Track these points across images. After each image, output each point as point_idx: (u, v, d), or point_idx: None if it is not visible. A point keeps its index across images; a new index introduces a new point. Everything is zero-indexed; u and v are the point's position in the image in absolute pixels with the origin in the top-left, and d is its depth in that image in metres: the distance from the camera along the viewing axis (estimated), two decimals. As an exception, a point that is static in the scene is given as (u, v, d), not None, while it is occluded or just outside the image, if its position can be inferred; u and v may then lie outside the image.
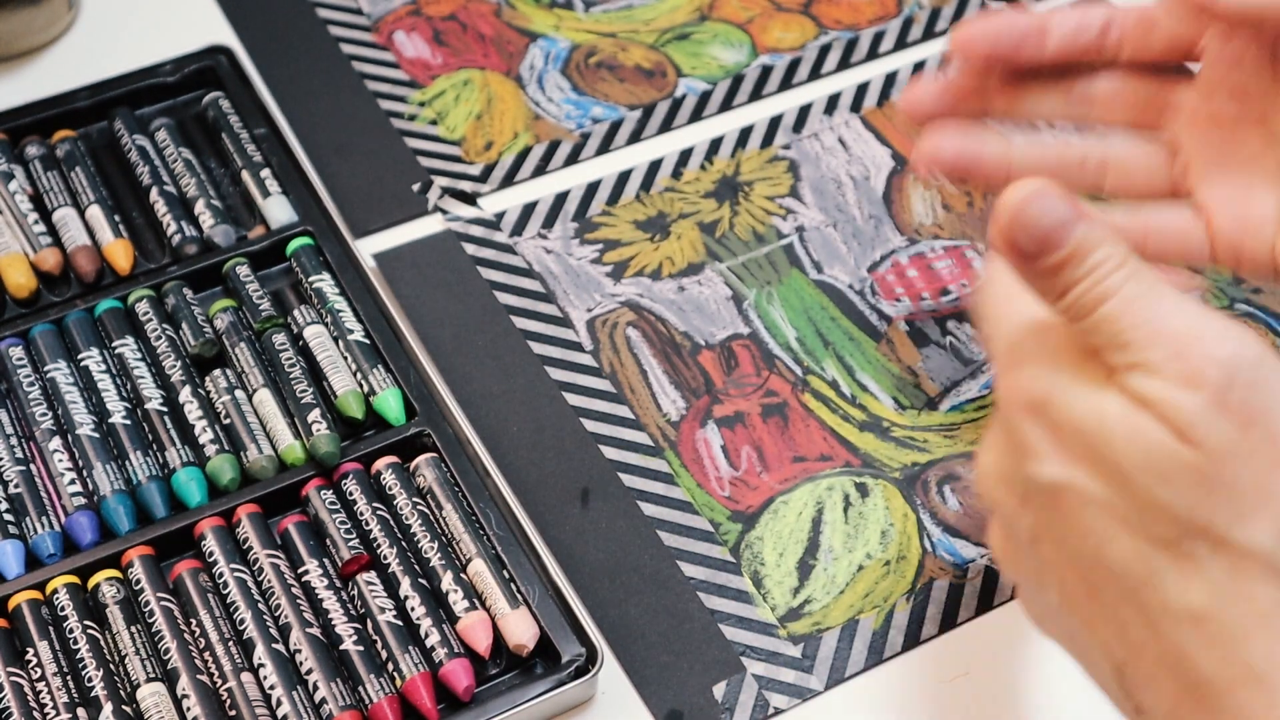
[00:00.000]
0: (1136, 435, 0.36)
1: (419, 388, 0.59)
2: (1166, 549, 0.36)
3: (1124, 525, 0.36)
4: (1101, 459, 0.37)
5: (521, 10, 0.77)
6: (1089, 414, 0.37)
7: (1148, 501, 0.36)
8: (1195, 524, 0.35)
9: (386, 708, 0.51)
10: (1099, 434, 0.36)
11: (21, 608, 0.53)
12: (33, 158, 0.67)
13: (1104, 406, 0.37)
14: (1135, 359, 0.36)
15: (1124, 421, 0.36)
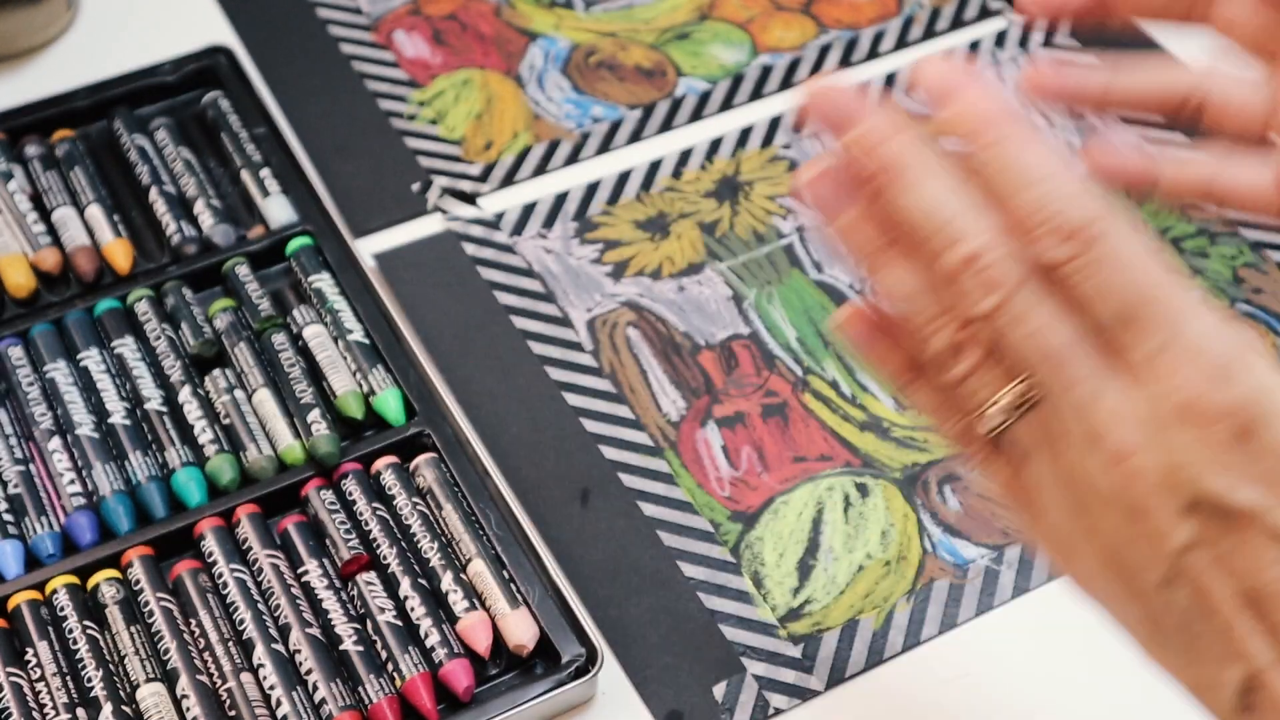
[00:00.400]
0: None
1: (419, 388, 0.59)
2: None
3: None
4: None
5: (521, 10, 0.77)
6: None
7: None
8: None
9: (386, 708, 0.51)
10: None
11: (21, 608, 0.53)
12: (32, 157, 0.67)
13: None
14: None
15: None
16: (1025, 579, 0.55)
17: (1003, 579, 0.56)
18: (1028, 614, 0.55)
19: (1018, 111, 0.35)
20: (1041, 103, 0.46)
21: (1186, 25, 0.48)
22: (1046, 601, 0.55)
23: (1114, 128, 0.71)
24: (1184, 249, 0.66)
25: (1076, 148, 0.70)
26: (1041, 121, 0.71)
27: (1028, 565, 0.56)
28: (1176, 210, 0.68)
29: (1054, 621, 0.54)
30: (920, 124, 0.36)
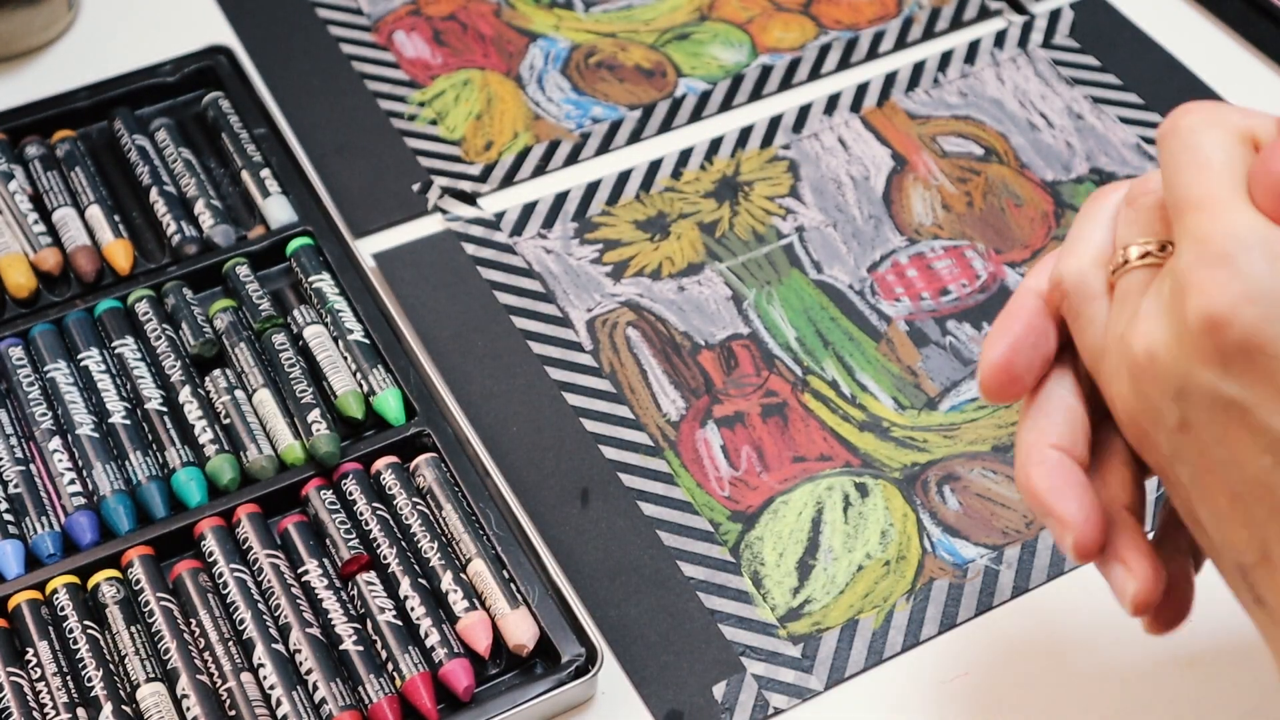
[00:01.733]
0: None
1: (419, 388, 0.59)
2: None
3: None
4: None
5: (521, 10, 0.77)
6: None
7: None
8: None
9: (386, 708, 0.51)
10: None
11: (21, 608, 0.53)
12: (33, 158, 0.67)
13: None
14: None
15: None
16: (1025, 579, 0.55)
17: (1002, 579, 0.56)
18: (1028, 614, 0.55)
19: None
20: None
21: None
22: (1046, 601, 0.55)
23: (1112, 127, 0.71)
24: (1183, 249, 0.66)
25: (1076, 149, 0.70)
26: (1040, 122, 0.71)
27: (1027, 565, 0.56)
28: None
29: (1054, 621, 0.54)
30: None
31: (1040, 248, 0.66)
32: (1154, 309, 0.37)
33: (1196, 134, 0.38)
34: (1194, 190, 0.37)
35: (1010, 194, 0.69)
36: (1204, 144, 0.38)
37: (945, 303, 0.64)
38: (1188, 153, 0.38)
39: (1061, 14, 0.76)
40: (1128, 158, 0.70)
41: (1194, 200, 0.37)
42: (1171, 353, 0.36)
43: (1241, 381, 0.35)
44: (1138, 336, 0.38)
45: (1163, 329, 0.37)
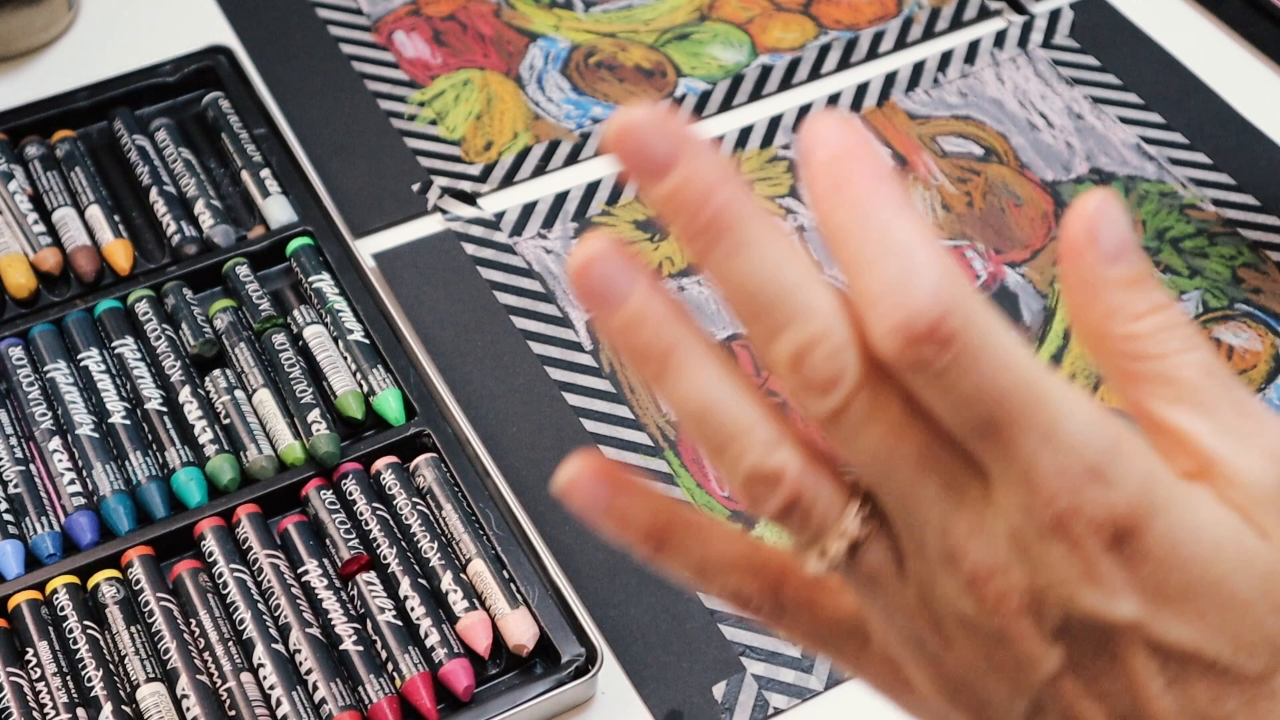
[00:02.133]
0: (1246, 556, 0.29)
1: (419, 388, 0.59)
2: (1253, 686, 0.30)
3: (1206, 673, 0.30)
4: (1202, 594, 0.29)
5: (521, 10, 0.77)
6: (1193, 539, 0.29)
7: (1255, 637, 0.29)
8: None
9: (386, 708, 0.51)
10: (1206, 564, 0.29)
11: (21, 608, 0.53)
12: (32, 158, 0.67)
13: (1201, 520, 0.29)
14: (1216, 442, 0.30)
15: (1230, 540, 0.29)
16: (1025, 579, 0.55)
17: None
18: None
19: (889, 171, 0.28)
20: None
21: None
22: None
23: (1112, 127, 0.71)
24: (1184, 249, 0.66)
25: (1076, 149, 0.70)
26: (1040, 122, 0.71)
27: (1027, 565, 0.56)
28: (1176, 210, 0.68)
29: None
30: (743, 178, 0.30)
31: (1040, 247, 0.66)
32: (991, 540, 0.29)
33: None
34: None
35: (1010, 194, 0.69)
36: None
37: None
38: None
39: (1061, 14, 0.76)
40: (1128, 157, 0.70)
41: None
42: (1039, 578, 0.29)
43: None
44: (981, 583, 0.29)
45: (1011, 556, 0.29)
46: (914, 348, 0.27)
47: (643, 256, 0.29)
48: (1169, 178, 0.69)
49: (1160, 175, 0.69)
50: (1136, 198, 0.68)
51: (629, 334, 0.29)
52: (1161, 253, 0.66)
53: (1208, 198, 0.68)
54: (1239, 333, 0.63)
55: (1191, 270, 0.66)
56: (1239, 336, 0.63)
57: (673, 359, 0.29)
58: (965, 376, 0.27)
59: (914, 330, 0.27)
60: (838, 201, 0.28)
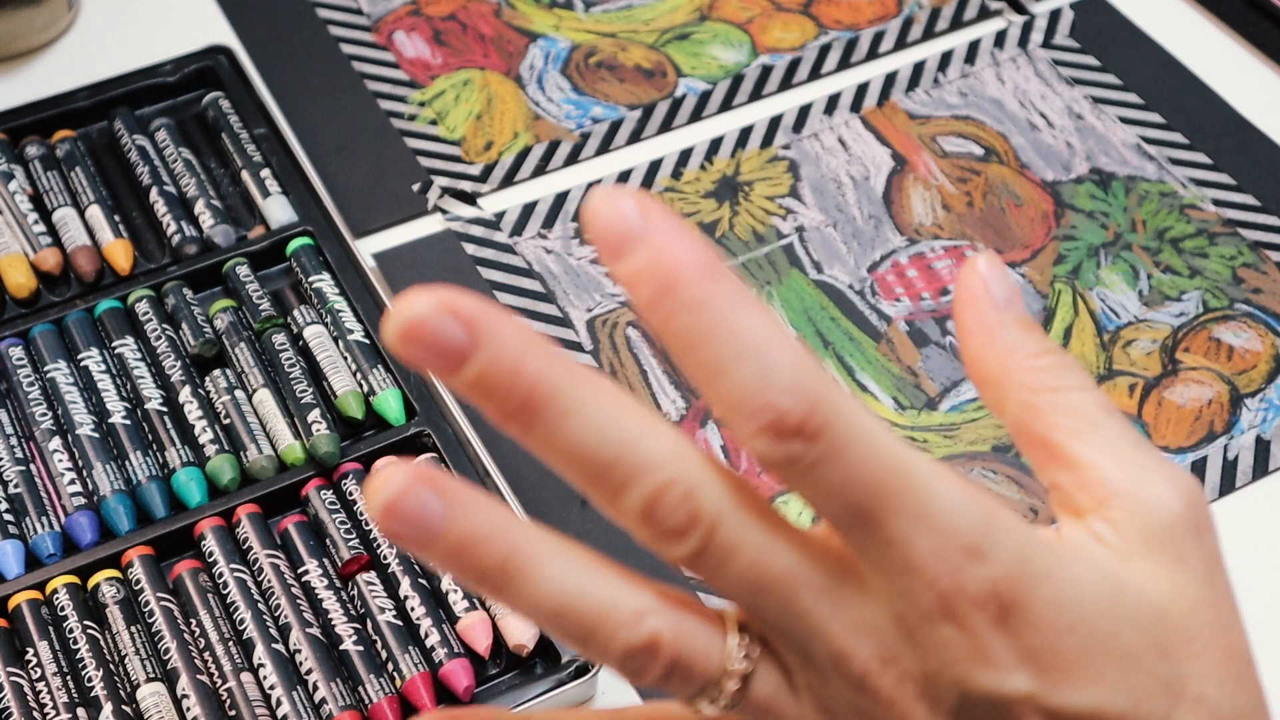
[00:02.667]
0: (1128, 609, 0.30)
1: (419, 388, 0.59)
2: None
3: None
4: (1095, 655, 0.29)
5: (521, 10, 0.77)
6: (1076, 601, 0.29)
7: (1151, 685, 0.30)
8: (1178, 687, 0.30)
9: (386, 708, 0.51)
10: (1093, 625, 0.29)
11: (21, 608, 0.53)
12: (33, 158, 0.67)
13: (1082, 580, 0.30)
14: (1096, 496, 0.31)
15: (1111, 596, 0.30)
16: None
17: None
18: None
19: (718, 262, 0.27)
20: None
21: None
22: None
23: (1112, 127, 0.71)
24: (1184, 249, 0.66)
25: (1077, 151, 0.70)
26: (1040, 122, 0.71)
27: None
28: (1176, 210, 0.68)
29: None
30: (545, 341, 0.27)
31: (1040, 247, 0.66)
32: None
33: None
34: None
35: (1010, 194, 0.69)
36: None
37: (945, 303, 0.64)
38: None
39: (1061, 14, 0.76)
40: (1128, 158, 0.70)
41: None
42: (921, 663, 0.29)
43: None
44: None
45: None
46: (783, 445, 0.27)
47: (429, 468, 0.27)
48: (1169, 178, 0.69)
49: (1160, 175, 0.69)
50: (1136, 198, 0.68)
51: (456, 564, 0.27)
52: (1161, 253, 0.66)
53: (1208, 198, 0.68)
54: (1239, 333, 0.63)
55: (1191, 270, 0.66)
56: (1239, 336, 0.63)
57: (509, 570, 0.27)
58: (835, 468, 0.27)
59: (782, 429, 0.26)
60: (673, 308, 0.27)
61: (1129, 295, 0.65)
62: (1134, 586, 0.30)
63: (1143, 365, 0.62)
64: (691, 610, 0.29)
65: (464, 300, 0.26)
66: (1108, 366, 0.62)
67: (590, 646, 0.29)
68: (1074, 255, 0.66)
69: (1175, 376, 0.62)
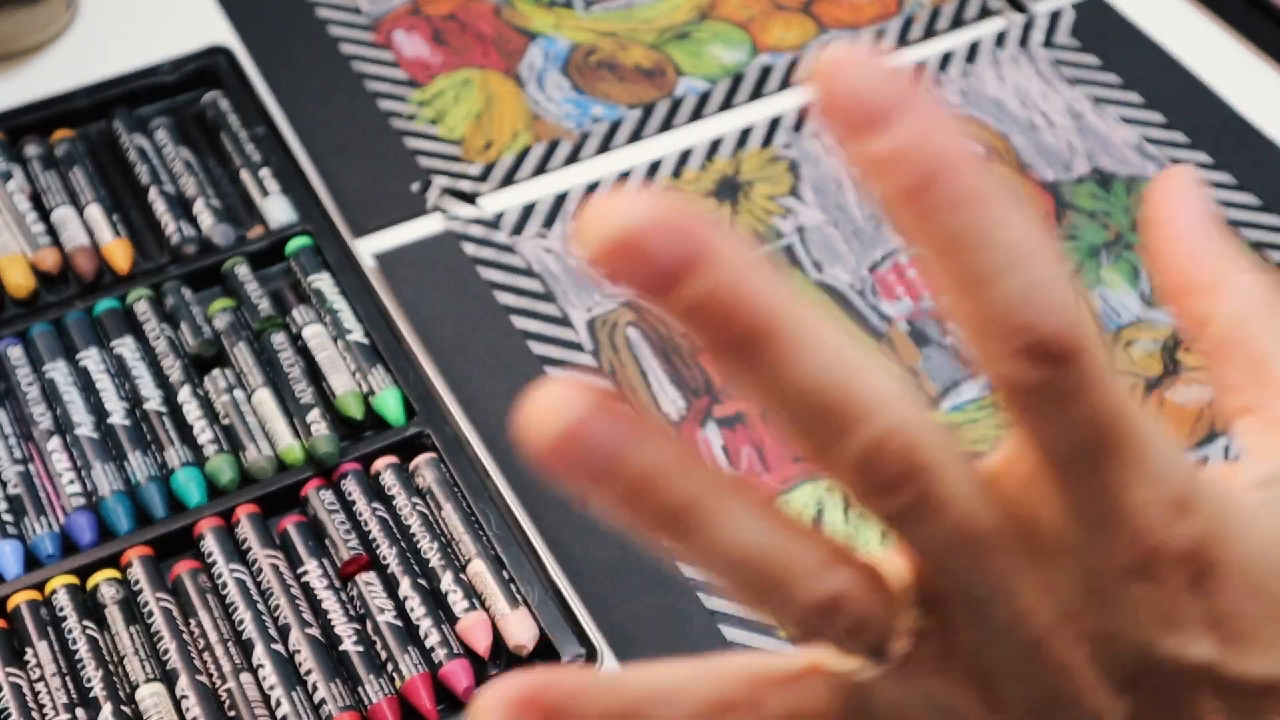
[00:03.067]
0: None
1: (418, 388, 0.59)
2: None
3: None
4: (1273, 618, 0.27)
5: (521, 10, 0.77)
6: (1261, 558, 0.27)
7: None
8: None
9: (386, 708, 0.51)
10: (1274, 584, 0.27)
11: (20, 608, 0.53)
12: (31, 157, 0.67)
13: (1267, 533, 0.27)
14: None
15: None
16: (1026, 579, 0.55)
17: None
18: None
19: (980, 153, 0.24)
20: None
21: None
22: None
23: (1113, 127, 0.71)
24: (1184, 249, 0.66)
25: (1077, 149, 0.70)
26: (1041, 122, 0.71)
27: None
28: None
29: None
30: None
31: (1041, 247, 0.66)
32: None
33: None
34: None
35: (1011, 194, 0.69)
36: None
37: (946, 302, 0.64)
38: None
39: (1062, 14, 0.76)
40: (1128, 157, 0.70)
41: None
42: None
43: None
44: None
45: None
46: (1037, 370, 0.24)
47: (611, 391, 0.25)
48: (1170, 177, 0.69)
49: (1161, 175, 0.69)
50: (1137, 197, 0.68)
51: (636, 502, 0.24)
52: (1162, 252, 0.66)
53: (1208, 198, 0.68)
54: (1240, 332, 0.63)
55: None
56: (1240, 336, 0.63)
57: (693, 516, 0.25)
58: (1079, 402, 0.25)
59: (1041, 352, 0.24)
60: (938, 202, 0.23)
61: (1130, 295, 0.65)
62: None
63: (1144, 365, 0.62)
64: (869, 568, 0.27)
65: (683, 209, 0.22)
66: (1108, 366, 0.62)
67: (770, 601, 0.26)
68: (1075, 255, 0.66)
69: (1176, 376, 0.62)
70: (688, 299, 0.22)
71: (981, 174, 0.23)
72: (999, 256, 0.23)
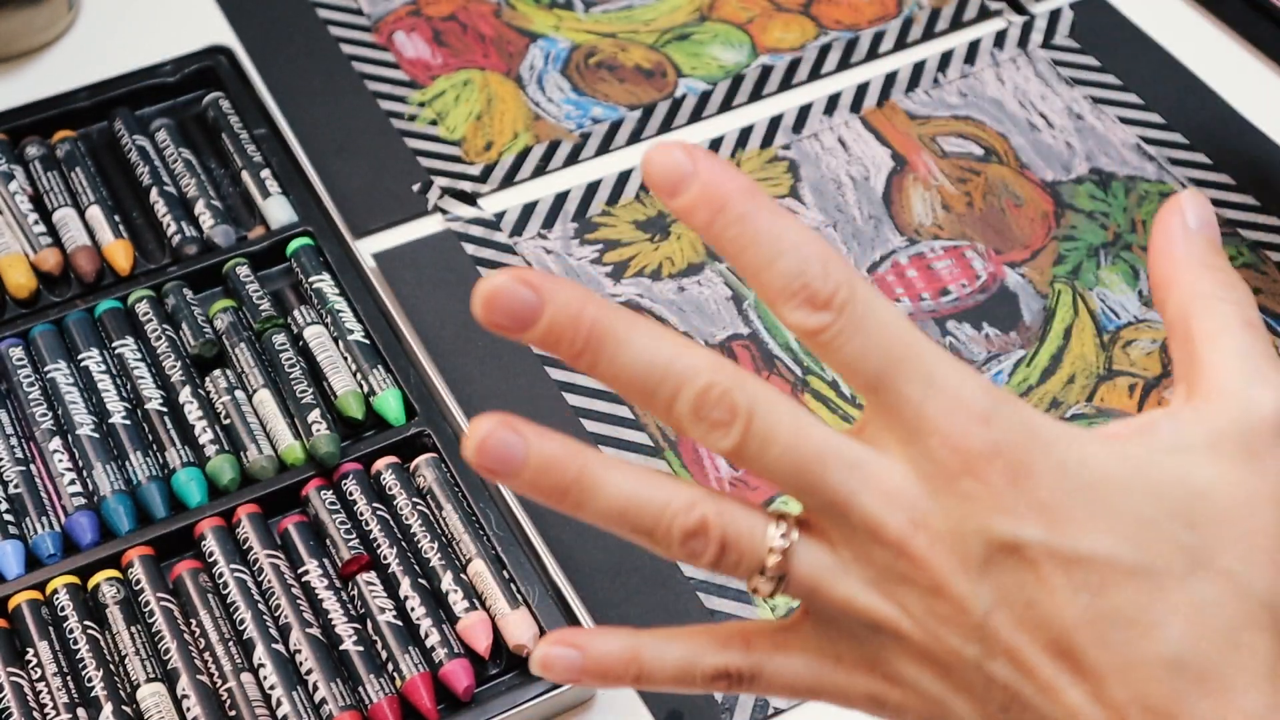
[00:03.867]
0: (1148, 482, 0.33)
1: (419, 388, 0.59)
2: (1178, 587, 0.33)
3: (1129, 578, 0.33)
4: (1104, 511, 0.33)
5: (521, 10, 0.77)
6: (1082, 468, 0.33)
7: (1169, 547, 0.33)
8: (1203, 556, 0.33)
9: (386, 708, 0.51)
10: (1100, 487, 0.33)
11: (21, 608, 0.53)
12: (33, 158, 0.67)
13: (1090, 452, 0.33)
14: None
15: (1126, 468, 0.33)
16: (1025, 579, 0.55)
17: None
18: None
19: (753, 185, 0.33)
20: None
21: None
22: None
23: (1112, 127, 0.71)
24: (1183, 249, 0.66)
25: (1075, 149, 0.70)
26: (1040, 122, 0.71)
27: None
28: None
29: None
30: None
31: (1040, 248, 0.66)
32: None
33: None
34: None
35: (1010, 194, 0.69)
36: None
37: (945, 303, 0.64)
38: None
39: (1061, 14, 0.76)
40: (1128, 158, 0.70)
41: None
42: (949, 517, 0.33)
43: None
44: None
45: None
46: (816, 316, 0.33)
47: (510, 416, 0.33)
48: (1169, 178, 0.69)
49: (1160, 175, 0.69)
50: (1136, 198, 0.68)
51: (539, 484, 0.33)
52: (1161, 253, 0.66)
53: (1208, 198, 0.68)
54: (1239, 333, 0.63)
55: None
56: (1239, 337, 0.63)
57: (584, 483, 0.33)
58: (856, 336, 0.33)
59: (815, 301, 0.33)
60: (725, 223, 0.33)
61: (1129, 295, 0.65)
62: (1168, 469, 0.33)
63: (1142, 365, 0.62)
64: (734, 500, 0.34)
65: (529, 272, 0.32)
66: (1108, 366, 0.62)
67: (655, 537, 0.34)
68: (1074, 255, 0.66)
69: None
70: (542, 329, 0.32)
71: (750, 198, 0.33)
72: (771, 249, 0.33)
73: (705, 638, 0.36)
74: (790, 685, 0.36)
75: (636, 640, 0.36)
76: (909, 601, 0.34)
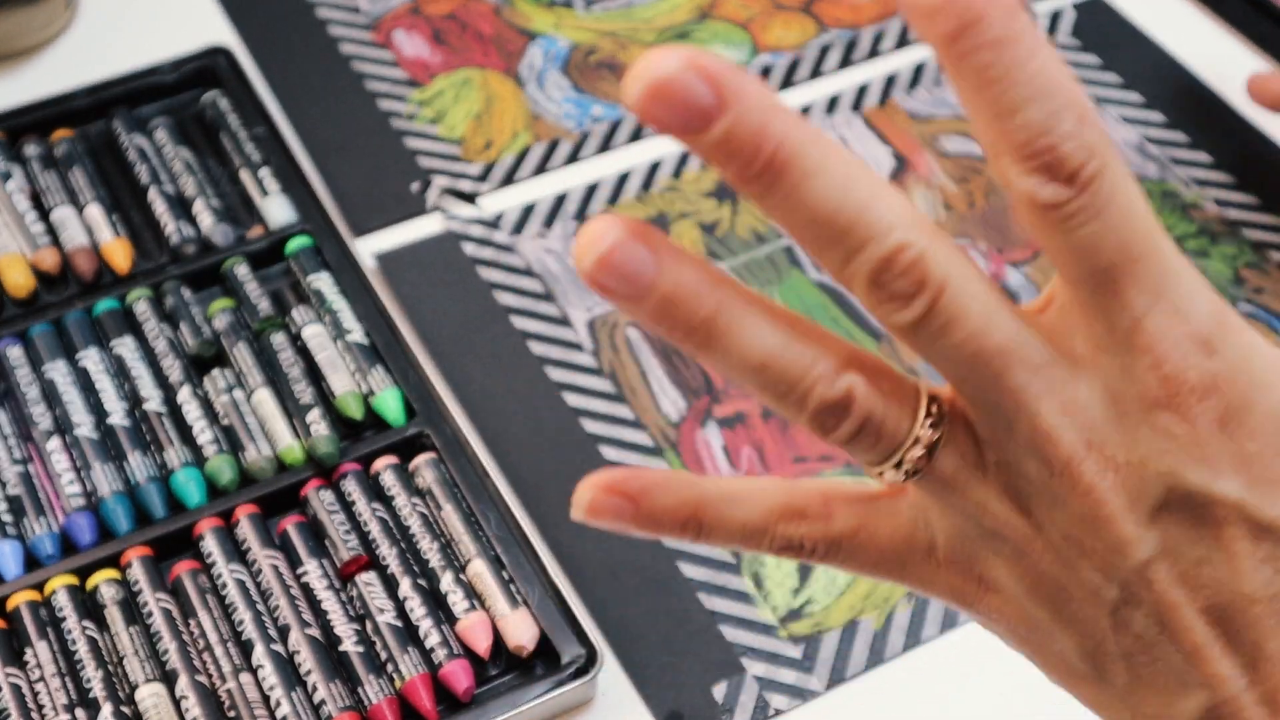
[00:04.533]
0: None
1: (418, 388, 0.59)
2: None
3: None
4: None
5: (521, 9, 0.77)
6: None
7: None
8: None
9: (386, 709, 0.51)
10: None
11: (20, 608, 0.53)
12: (31, 157, 0.67)
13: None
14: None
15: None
16: (1026, 579, 0.55)
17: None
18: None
19: (1019, 3, 0.26)
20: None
21: None
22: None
23: (1113, 127, 0.71)
24: (1185, 249, 0.66)
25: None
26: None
27: (1029, 566, 0.56)
28: (1179, 209, 0.68)
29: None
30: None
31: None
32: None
33: None
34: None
35: (1011, 194, 0.68)
36: None
37: (946, 303, 0.64)
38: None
39: (1063, 14, 0.76)
40: (1129, 157, 0.70)
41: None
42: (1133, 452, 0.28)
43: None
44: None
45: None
46: (1053, 188, 0.27)
47: (641, 223, 0.27)
48: (1171, 177, 0.69)
49: (1162, 175, 0.69)
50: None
51: (665, 315, 0.28)
52: (1163, 252, 0.66)
53: (1209, 197, 0.68)
54: (1241, 333, 0.63)
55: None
56: (1241, 336, 0.63)
57: (717, 325, 0.28)
58: (1094, 221, 0.27)
59: (1057, 171, 0.26)
60: (974, 44, 0.26)
61: (1130, 295, 0.65)
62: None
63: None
64: (887, 375, 0.29)
65: (710, 59, 0.25)
66: (1109, 366, 0.62)
67: (787, 400, 0.29)
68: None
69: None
70: (717, 134, 0.25)
71: (1014, 19, 0.26)
72: (1023, 91, 0.26)
73: (780, 500, 0.32)
74: (869, 567, 0.32)
75: (700, 496, 0.31)
76: (1051, 523, 0.29)
